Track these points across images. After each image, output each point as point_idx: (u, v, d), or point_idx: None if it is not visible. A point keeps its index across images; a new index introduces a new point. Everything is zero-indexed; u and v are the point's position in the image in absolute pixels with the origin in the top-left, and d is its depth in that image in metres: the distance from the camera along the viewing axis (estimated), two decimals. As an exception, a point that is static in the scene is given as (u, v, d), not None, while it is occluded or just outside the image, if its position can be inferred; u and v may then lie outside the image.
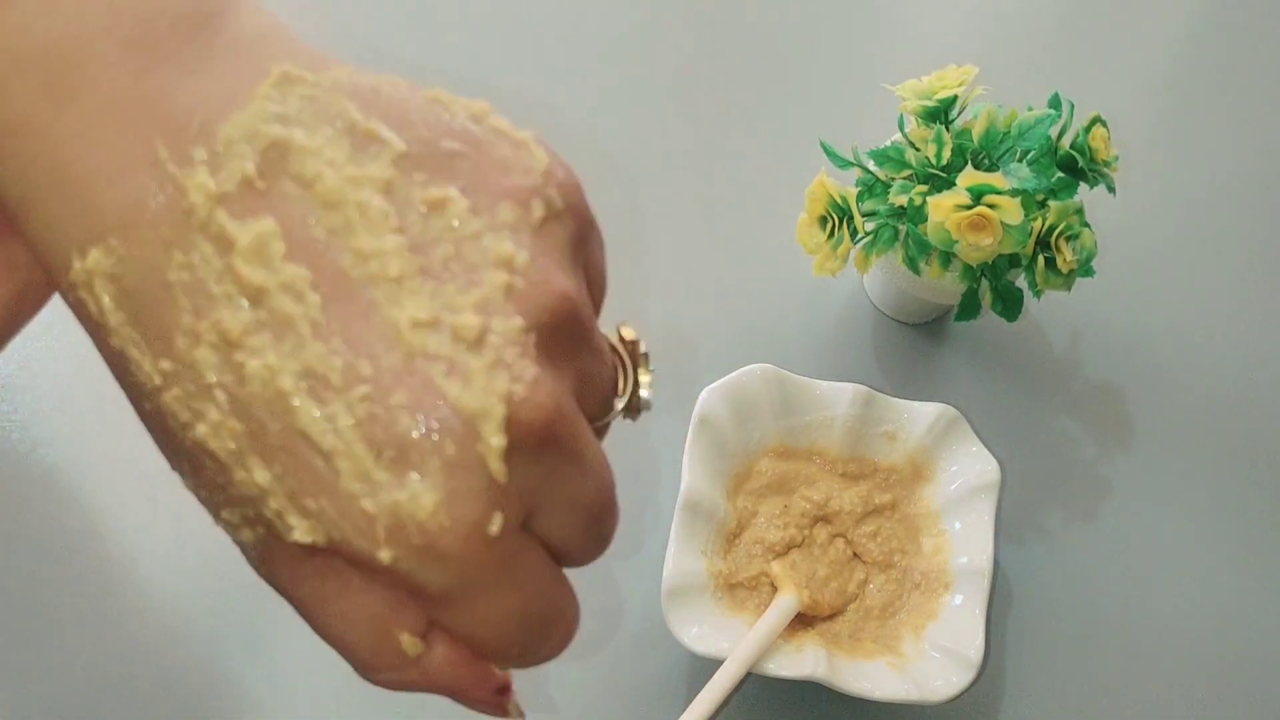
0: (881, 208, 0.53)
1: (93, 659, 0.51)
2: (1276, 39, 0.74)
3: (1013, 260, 0.52)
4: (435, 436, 0.19)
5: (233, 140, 0.20)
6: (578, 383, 0.22)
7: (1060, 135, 0.53)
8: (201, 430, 0.20)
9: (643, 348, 0.24)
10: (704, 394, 0.53)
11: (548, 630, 0.22)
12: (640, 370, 0.24)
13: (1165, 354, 0.62)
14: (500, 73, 0.68)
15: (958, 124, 0.53)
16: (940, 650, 0.50)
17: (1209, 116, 0.71)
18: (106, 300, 0.20)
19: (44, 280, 0.22)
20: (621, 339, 0.24)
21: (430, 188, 0.21)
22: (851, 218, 0.52)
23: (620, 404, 0.24)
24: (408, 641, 0.21)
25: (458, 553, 0.20)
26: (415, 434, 0.19)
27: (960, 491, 0.53)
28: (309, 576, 0.21)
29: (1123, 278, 0.64)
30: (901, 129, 0.54)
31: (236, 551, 0.22)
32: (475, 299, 0.20)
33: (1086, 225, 0.52)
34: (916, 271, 0.53)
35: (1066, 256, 0.51)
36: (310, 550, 0.21)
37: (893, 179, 0.53)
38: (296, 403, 0.19)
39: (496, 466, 0.20)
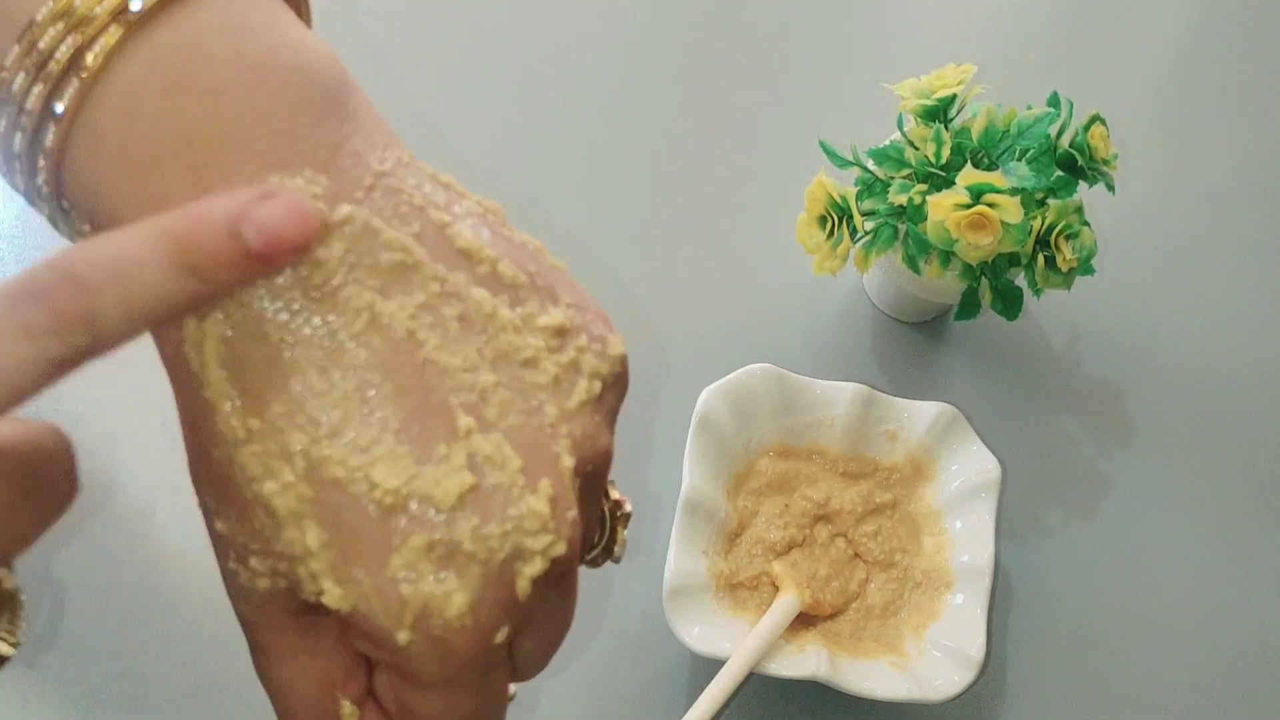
0: (881, 207, 0.53)
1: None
2: (1277, 39, 0.74)
3: (1012, 259, 0.52)
4: (485, 548, 0.21)
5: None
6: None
7: (1059, 134, 0.53)
8: (269, 486, 0.21)
9: (628, 507, 0.27)
10: (704, 394, 0.53)
11: None
12: (620, 528, 0.27)
13: (1165, 352, 0.62)
14: (500, 67, 0.68)
15: (957, 123, 0.53)
16: (942, 649, 0.50)
17: (1208, 115, 0.71)
18: (211, 358, 0.21)
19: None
20: (609, 497, 0.27)
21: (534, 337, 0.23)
22: (851, 217, 0.52)
23: (594, 553, 0.26)
24: (348, 710, 0.23)
25: (463, 651, 0.21)
26: (468, 544, 0.21)
27: (961, 490, 0.53)
28: (289, 630, 0.23)
29: (1122, 276, 0.64)
30: (901, 128, 0.54)
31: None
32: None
33: (1086, 224, 0.52)
34: (916, 271, 0.53)
35: (1066, 255, 0.51)
36: (309, 608, 0.22)
37: (892, 178, 0.53)
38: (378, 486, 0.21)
39: (524, 586, 0.22)
